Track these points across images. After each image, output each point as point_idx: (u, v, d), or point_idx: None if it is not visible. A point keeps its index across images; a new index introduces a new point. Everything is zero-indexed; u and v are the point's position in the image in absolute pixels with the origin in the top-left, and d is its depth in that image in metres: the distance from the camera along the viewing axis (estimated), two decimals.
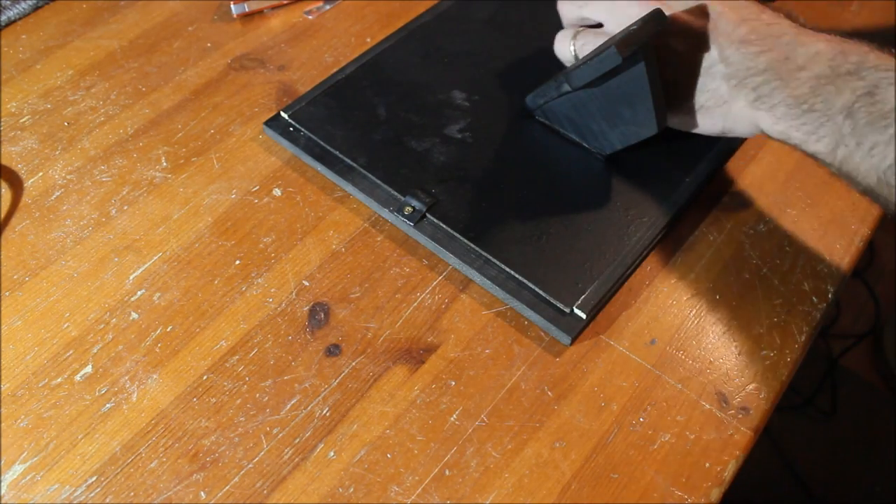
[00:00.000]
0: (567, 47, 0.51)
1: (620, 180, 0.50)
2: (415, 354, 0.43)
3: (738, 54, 0.44)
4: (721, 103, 0.46)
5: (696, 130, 0.49)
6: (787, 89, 0.42)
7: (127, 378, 0.42)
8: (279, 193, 0.50)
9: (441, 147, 0.51)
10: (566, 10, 0.52)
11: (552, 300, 0.44)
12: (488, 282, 0.45)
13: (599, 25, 0.51)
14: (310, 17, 0.61)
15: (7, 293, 0.45)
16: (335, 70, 0.56)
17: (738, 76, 0.44)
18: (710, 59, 0.45)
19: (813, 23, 0.46)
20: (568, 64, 0.52)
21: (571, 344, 0.44)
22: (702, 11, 0.46)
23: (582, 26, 0.52)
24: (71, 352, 0.43)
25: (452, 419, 0.41)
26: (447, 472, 0.39)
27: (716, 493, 0.39)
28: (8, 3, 0.59)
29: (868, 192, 0.42)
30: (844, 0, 0.64)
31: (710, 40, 0.45)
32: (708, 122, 0.47)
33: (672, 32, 0.46)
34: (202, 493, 0.38)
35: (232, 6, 0.60)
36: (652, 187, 0.50)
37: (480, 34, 0.59)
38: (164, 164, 0.52)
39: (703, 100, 0.46)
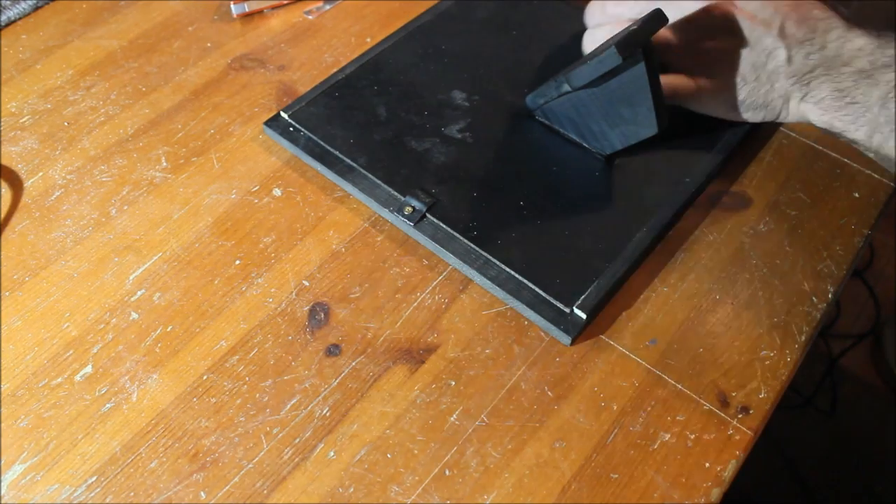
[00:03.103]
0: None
1: (620, 180, 0.50)
2: (415, 354, 0.43)
3: (800, 54, 0.47)
4: (780, 99, 0.48)
5: (744, 120, 0.51)
6: (832, 83, 0.46)
7: (127, 378, 0.42)
8: (279, 193, 0.50)
9: (441, 147, 0.51)
10: (612, 9, 0.51)
11: (552, 300, 0.44)
12: (488, 282, 0.45)
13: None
14: (310, 17, 0.61)
15: (7, 293, 0.45)
16: (335, 70, 0.56)
17: (798, 74, 0.47)
18: (779, 59, 0.47)
19: None
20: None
21: (571, 344, 0.44)
22: (770, 13, 0.47)
23: (614, 23, 0.51)
24: (71, 352, 0.43)
25: (452, 419, 0.41)
26: (447, 472, 0.39)
27: (716, 493, 0.39)
28: (8, 3, 0.59)
29: None
30: (844, 0, 0.64)
31: (778, 42, 0.47)
32: (761, 114, 0.50)
33: (738, 28, 0.47)
34: (202, 493, 0.38)
35: (232, 6, 0.60)
36: (652, 187, 0.50)
37: (480, 34, 0.59)
38: (164, 164, 0.52)
39: (767, 97, 0.49)
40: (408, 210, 0.48)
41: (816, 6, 0.48)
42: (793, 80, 0.47)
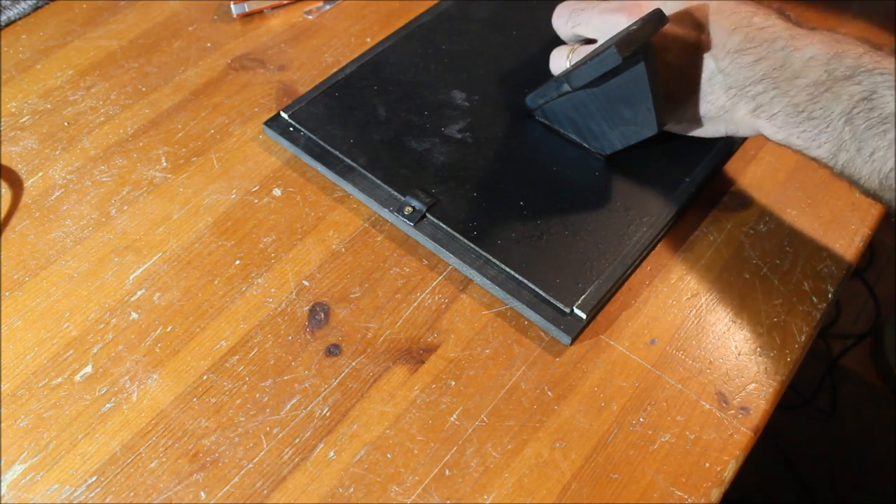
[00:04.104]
0: (563, 63, 0.52)
1: (620, 180, 0.50)
2: (415, 354, 0.43)
3: (734, 65, 0.44)
4: (723, 112, 0.46)
5: (700, 135, 0.49)
6: (785, 98, 0.42)
7: (127, 378, 0.42)
8: (279, 193, 0.50)
9: (441, 147, 0.51)
10: (560, 28, 0.52)
11: (552, 300, 0.44)
12: (488, 282, 0.45)
13: (593, 41, 0.51)
14: (310, 17, 0.61)
15: (7, 293, 0.45)
16: (335, 70, 0.56)
17: (737, 85, 0.44)
18: (709, 70, 0.45)
19: (814, 24, 0.45)
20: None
21: (571, 344, 0.44)
22: (694, 22, 0.46)
23: (577, 43, 0.52)
24: (71, 352, 0.43)
25: (452, 419, 0.41)
26: (447, 472, 0.39)
27: (716, 493, 0.39)
28: (8, 3, 0.59)
29: (871, 195, 0.42)
30: (844, 1, 0.64)
31: (705, 52, 0.45)
32: (711, 128, 0.48)
33: (666, 47, 0.46)
34: (202, 493, 0.38)
35: (232, 6, 0.60)
36: (652, 187, 0.50)
37: (480, 34, 0.59)
38: (164, 164, 0.52)
39: (705, 109, 0.47)
40: (408, 210, 0.48)
41: (757, 12, 0.44)
42: (732, 92, 0.44)
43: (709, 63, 0.45)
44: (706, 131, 0.48)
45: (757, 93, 0.44)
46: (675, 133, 0.50)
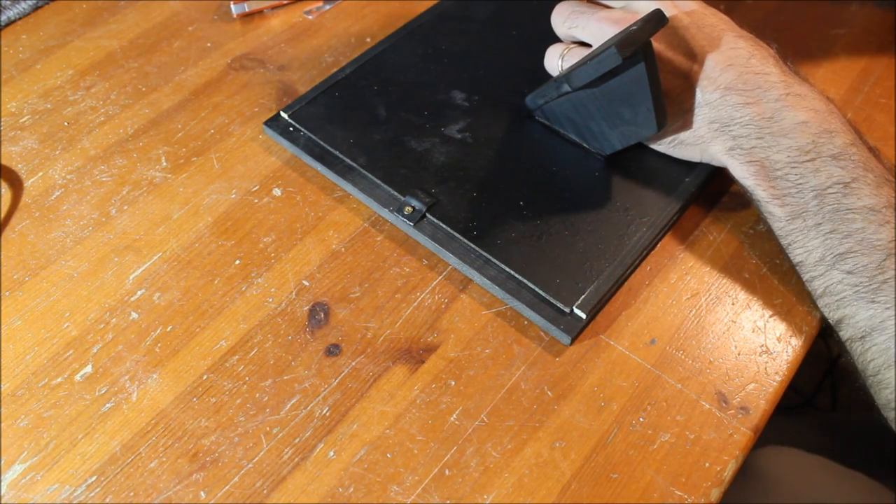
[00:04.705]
0: (555, 61, 0.52)
1: (620, 180, 0.50)
2: (415, 354, 0.43)
3: (722, 101, 0.44)
4: (700, 141, 0.47)
5: (676, 156, 0.50)
6: (766, 151, 0.43)
7: (127, 378, 0.42)
8: (279, 193, 0.50)
9: (441, 147, 0.51)
10: (557, 27, 0.52)
11: (552, 300, 0.44)
12: (488, 282, 0.45)
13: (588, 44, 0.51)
14: (310, 17, 0.61)
15: (7, 293, 0.45)
16: (335, 70, 0.56)
17: (721, 121, 0.45)
18: (695, 99, 0.45)
19: (813, 24, 0.45)
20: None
21: (571, 344, 0.44)
22: (688, 49, 0.46)
23: (573, 43, 0.52)
24: (71, 352, 0.43)
25: (452, 419, 0.41)
26: (447, 472, 0.40)
27: (716, 493, 0.39)
28: (8, 3, 0.59)
29: (801, 264, 0.43)
30: (844, 0, 0.64)
31: (694, 80, 0.45)
32: (687, 152, 0.49)
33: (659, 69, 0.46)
34: (202, 493, 0.38)
35: (232, 6, 0.60)
36: (652, 187, 0.50)
37: (480, 34, 0.59)
38: (164, 164, 0.52)
39: (684, 136, 0.47)
40: (408, 210, 0.48)
41: (755, 54, 0.44)
42: (714, 126, 0.45)
43: (696, 94, 0.45)
44: (682, 154, 0.49)
45: (739, 135, 0.44)
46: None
